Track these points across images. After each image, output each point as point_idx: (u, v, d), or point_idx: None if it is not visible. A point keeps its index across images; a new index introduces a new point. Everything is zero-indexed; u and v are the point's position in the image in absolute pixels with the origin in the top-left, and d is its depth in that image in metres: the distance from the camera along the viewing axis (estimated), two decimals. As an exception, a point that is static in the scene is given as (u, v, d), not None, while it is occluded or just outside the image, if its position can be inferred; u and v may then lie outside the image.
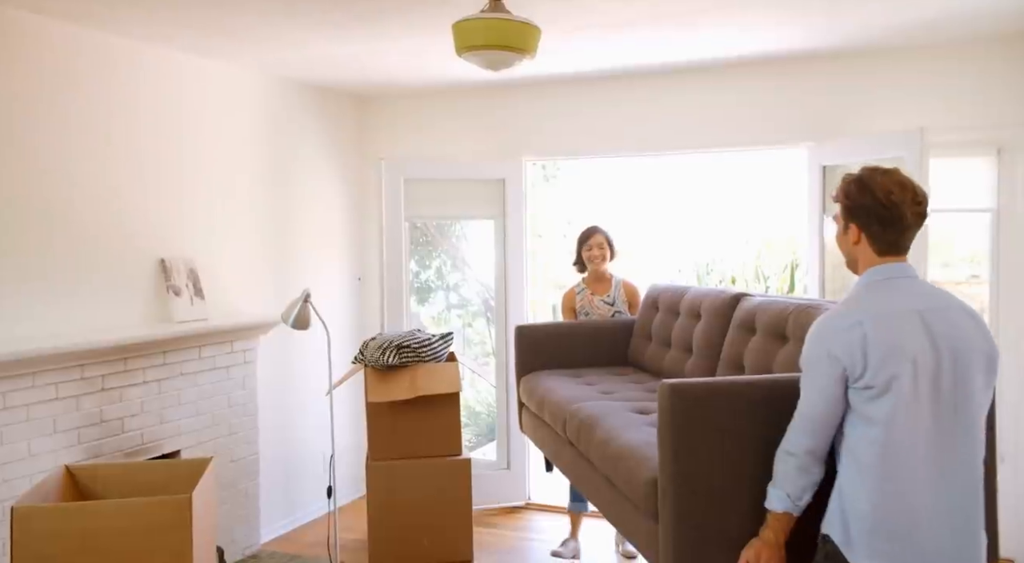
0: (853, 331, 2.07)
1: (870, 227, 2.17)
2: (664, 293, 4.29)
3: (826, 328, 2.13)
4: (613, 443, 2.88)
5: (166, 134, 4.22)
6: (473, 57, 3.05)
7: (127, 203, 4.02)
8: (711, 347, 3.58)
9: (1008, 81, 4.14)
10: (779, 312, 3.06)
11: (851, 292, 2.23)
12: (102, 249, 3.90)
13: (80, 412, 3.65)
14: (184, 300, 4.19)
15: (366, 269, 5.64)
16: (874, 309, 2.11)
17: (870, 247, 2.19)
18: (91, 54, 3.84)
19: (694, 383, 2.42)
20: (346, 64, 4.60)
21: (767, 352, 3.04)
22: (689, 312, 3.92)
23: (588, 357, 4.41)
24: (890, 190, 2.14)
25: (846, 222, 2.23)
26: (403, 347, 4.40)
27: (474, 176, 5.25)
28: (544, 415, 3.81)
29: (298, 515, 5.09)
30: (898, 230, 2.16)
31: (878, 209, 2.14)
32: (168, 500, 2.81)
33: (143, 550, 2.77)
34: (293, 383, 5.04)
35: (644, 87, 4.92)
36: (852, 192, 2.19)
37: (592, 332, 4.53)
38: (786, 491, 2.19)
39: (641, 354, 4.30)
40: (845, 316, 2.12)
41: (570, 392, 3.70)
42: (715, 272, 8.67)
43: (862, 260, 2.22)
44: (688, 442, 2.31)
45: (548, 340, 4.42)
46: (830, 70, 4.50)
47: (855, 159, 4.33)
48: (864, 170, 2.22)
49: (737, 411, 2.33)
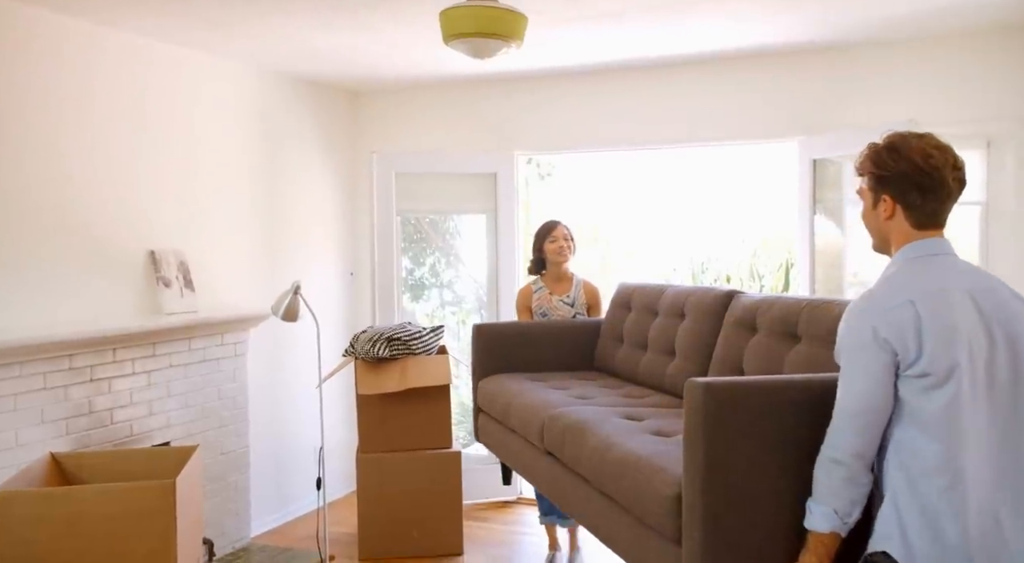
0: (904, 310, 1.83)
1: (907, 196, 1.94)
2: (638, 292, 4.04)
3: (871, 308, 1.88)
4: (614, 452, 2.60)
5: (156, 126, 4.23)
6: (460, 45, 3.07)
7: (117, 195, 4.03)
8: (699, 348, 3.37)
9: (998, 74, 4.14)
10: (788, 309, 2.86)
11: (887, 272, 1.99)
12: (91, 240, 3.90)
13: (68, 402, 3.65)
14: (174, 292, 4.19)
15: (358, 264, 5.64)
16: (922, 286, 1.88)
17: (906, 221, 1.96)
18: (81, 46, 3.85)
19: (731, 382, 2.11)
20: (337, 57, 4.61)
21: (774, 352, 2.84)
22: (670, 311, 3.69)
23: (551, 360, 4.14)
24: (929, 153, 1.92)
25: (876, 194, 2.00)
26: (393, 339, 4.40)
27: (466, 170, 5.26)
28: (511, 422, 3.55)
29: (289, 509, 5.09)
30: (939, 198, 1.94)
31: (917, 175, 1.92)
32: (152, 485, 2.81)
33: (127, 535, 2.76)
34: (284, 377, 5.04)
35: (635, 81, 4.93)
36: (884, 159, 1.96)
37: (556, 333, 4.26)
38: (832, 507, 1.90)
39: (610, 357, 4.03)
40: (891, 295, 1.88)
41: (543, 396, 3.41)
42: (710, 270, 8.68)
43: (896, 236, 1.99)
44: (724, 450, 2.00)
45: (509, 341, 4.14)
46: (821, 63, 4.50)
47: (845, 152, 4.33)
48: (894, 135, 2.00)
49: (780, 414, 2.05)
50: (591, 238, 9.63)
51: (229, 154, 4.68)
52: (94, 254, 3.91)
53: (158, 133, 4.24)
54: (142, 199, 4.15)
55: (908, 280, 1.91)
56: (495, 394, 3.81)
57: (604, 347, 4.13)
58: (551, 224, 4.49)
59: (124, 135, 4.06)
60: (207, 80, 4.53)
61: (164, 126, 4.27)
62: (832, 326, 2.51)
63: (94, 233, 3.91)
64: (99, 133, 3.94)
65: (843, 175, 4.59)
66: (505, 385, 3.78)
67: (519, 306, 4.52)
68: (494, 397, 3.80)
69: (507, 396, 3.65)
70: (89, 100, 3.89)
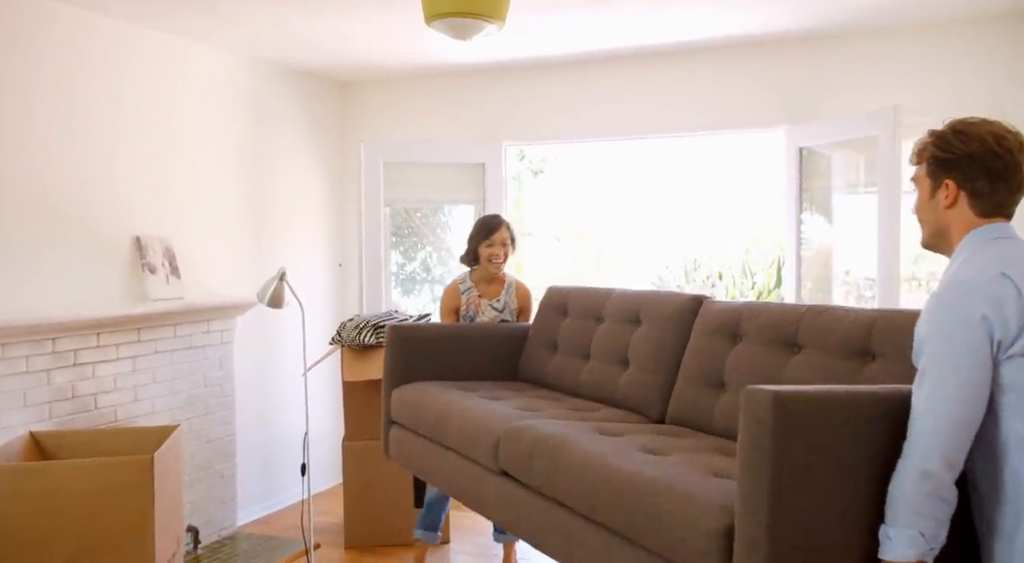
0: (998, 284, 1.66)
1: (975, 182, 1.78)
2: (575, 295, 3.74)
3: (960, 292, 1.69)
4: (616, 474, 2.24)
5: (143, 113, 4.22)
6: (441, 25, 3.07)
7: (102, 181, 4.02)
8: (661, 357, 3.08)
9: (984, 62, 4.15)
10: (782, 315, 2.67)
11: (960, 257, 1.81)
12: (76, 226, 3.90)
13: (51, 386, 3.64)
14: (159, 278, 4.18)
15: (347, 256, 5.64)
16: (1011, 260, 1.71)
17: (971, 209, 1.80)
18: (68, 31, 3.85)
19: (803, 392, 1.77)
20: (325, 46, 4.61)
21: (768, 363, 2.62)
22: (620, 317, 3.38)
23: (472, 368, 3.78)
24: (1002, 135, 1.77)
25: (936, 180, 1.83)
26: (380, 327, 4.40)
27: (454, 160, 5.26)
28: (445, 437, 3.15)
29: (277, 499, 5.08)
30: (1011, 186, 1.78)
31: (988, 157, 1.76)
32: (129, 460, 2.81)
33: (104, 511, 2.76)
34: (271, 366, 5.03)
35: (623, 71, 4.94)
36: (950, 141, 1.80)
37: (481, 339, 3.89)
38: (918, 528, 1.65)
39: (541, 367, 3.71)
40: (978, 273, 1.70)
41: (488, 408, 3.06)
42: (703, 268, 8.70)
43: (958, 225, 1.82)
44: (796, 475, 1.70)
45: (428, 345, 3.76)
46: (807, 52, 4.51)
47: (831, 140, 4.35)
48: (956, 121, 1.83)
49: (858, 430, 1.77)
50: (583, 236, 9.65)
51: (216, 142, 4.68)
52: (79, 240, 3.91)
53: (144, 119, 4.24)
54: (128, 185, 4.15)
55: (992, 256, 1.74)
56: (418, 405, 3.40)
57: (533, 355, 3.79)
58: (492, 224, 4.01)
59: (110, 121, 4.06)
60: (195, 67, 4.53)
61: (151, 112, 4.27)
62: (843, 333, 2.43)
63: (79, 219, 3.91)
64: (85, 119, 3.94)
65: (832, 166, 4.60)
66: (431, 395, 3.38)
67: (444, 308, 4.09)
68: (417, 408, 3.40)
69: (438, 407, 3.25)
70: (75, 85, 3.89)
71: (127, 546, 2.77)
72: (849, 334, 2.43)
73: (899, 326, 2.28)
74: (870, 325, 2.39)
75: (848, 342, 2.42)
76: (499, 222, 4.02)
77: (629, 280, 9.28)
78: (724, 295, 8.24)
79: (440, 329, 4.00)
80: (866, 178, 4.32)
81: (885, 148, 3.86)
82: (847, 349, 2.42)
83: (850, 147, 4.32)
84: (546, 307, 3.86)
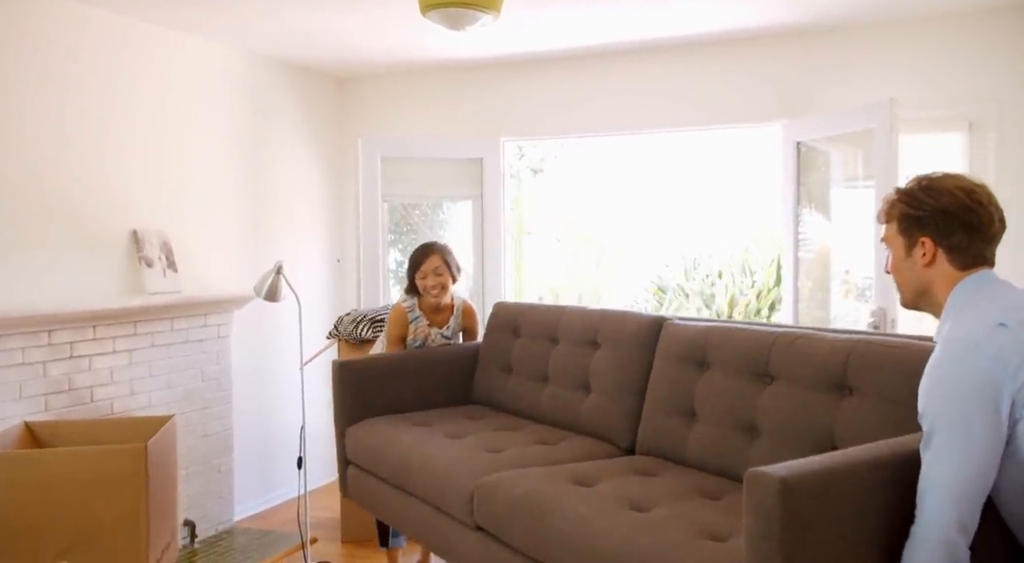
0: (1000, 334, 1.62)
1: (951, 238, 1.74)
2: (527, 314, 3.66)
3: (960, 347, 1.64)
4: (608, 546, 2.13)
5: (140, 106, 4.23)
6: (436, 14, 3.07)
7: (99, 174, 4.03)
8: (624, 383, 3.02)
9: (980, 55, 4.15)
10: (753, 342, 2.59)
11: (949, 312, 1.76)
12: (73, 219, 3.90)
13: (47, 378, 3.64)
14: (156, 271, 4.18)
15: (345, 252, 5.64)
16: (1004, 307, 1.67)
17: (951, 264, 1.77)
18: (63, 23, 3.85)
19: (812, 471, 1.67)
20: (322, 40, 4.62)
21: (741, 394, 2.57)
22: (577, 339, 3.31)
23: (425, 395, 3.72)
24: (971, 188, 1.75)
25: (910, 238, 1.80)
26: (377, 321, 4.40)
27: (452, 155, 5.26)
28: (411, 486, 3.05)
29: (274, 495, 5.08)
30: (987, 239, 1.75)
31: (963, 212, 1.73)
32: (123, 449, 2.80)
33: (97, 499, 2.76)
34: (269, 361, 5.03)
35: (619, 66, 4.94)
36: (920, 198, 1.77)
37: (430, 364, 3.80)
38: None
39: (497, 389, 3.65)
40: (975, 327, 1.65)
41: (451, 454, 2.94)
42: (702, 267, 8.69)
43: (941, 282, 1.78)
44: (808, 557, 1.63)
45: (377, 378, 3.69)
46: (804, 46, 4.51)
47: (828, 133, 4.34)
48: (920, 177, 1.81)
49: (865, 502, 1.69)
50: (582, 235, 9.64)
51: (214, 136, 4.69)
52: (76, 233, 3.91)
53: (142, 113, 4.24)
54: (125, 178, 4.15)
55: (984, 308, 1.69)
56: (375, 447, 3.30)
57: (486, 377, 3.71)
58: (421, 253, 3.78)
59: (107, 113, 4.06)
60: (193, 61, 4.53)
61: (148, 106, 4.27)
62: (818, 364, 2.38)
63: (75, 212, 3.91)
64: (81, 111, 3.94)
65: (830, 161, 4.59)
66: (388, 436, 3.27)
67: (391, 336, 3.85)
68: (374, 451, 3.30)
69: (397, 453, 3.14)
70: (71, 78, 3.89)
71: (121, 535, 2.77)
72: (824, 365, 2.38)
73: (875, 359, 2.28)
74: (845, 356, 2.35)
75: (823, 374, 2.38)
76: (428, 251, 3.77)
77: (629, 280, 9.28)
78: (724, 294, 8.24)
79: (387, 360, 3.80)
80: (864, 173, 4.32)
81: (882, 141, 3.86)
82: (822, 381, 2.37)
83: (847, 142, 4.31)
84: (495, 326, 3.78)
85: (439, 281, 3.70)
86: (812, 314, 4.56)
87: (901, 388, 2.16)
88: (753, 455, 2.50)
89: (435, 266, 3.71)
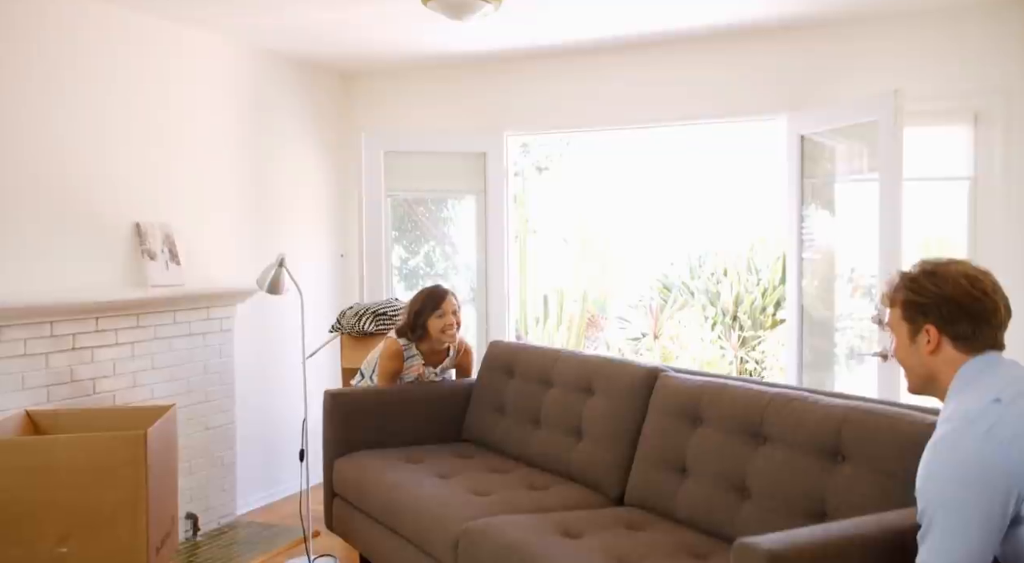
0: (995, 411, 1.59)
1: (956, 326, 1.72)
2: (523, 356, 3.64)
3: (957, 429, 1.60)
4: None
5: (145, 100, 4.23)
6: (438, 4, 3.09)
7: (102, 167, 4.03)
8: (616, 434, 3.01)
9: (985, 47, 4.12)
10: (746, 402, 2.59)
11: (952, 396, 1.72)
12: (75, 212, 3.90)
13: (49, 370, 3.64)
14: (159, 264, 4.19)
15: (349, 248, 5.64)
16: (1001, 384, 1.65)
17: (956, 351, 1.73)
18: (65, 16, 3.86)
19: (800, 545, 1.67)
20: (326, 35, 4.62)
21: (734, 453, 2.56)
22: (572, 384, 3.30)
23: (416, 431, 3.70)
24: (975, 277, 1.73)
25: (915, 325, 1.77)
26: (380, 314, 4.39)
27: (455, 149, 5.25)
28: (399, 526, 3.05)
29: (277, 489, 5.07)
30: (993, 327, 1.72)
31: (967, 301, 1.71)
32: (122, 435, 2.80)
33: (97, 485, 2.76)
34: (272, 357, 5.02)
35: (623, 59, 4.93)
36: (923, 285, 1.75)
37: (422, 400, 3.79)
38: None
39: (488, 429, 3.64)
40: (970, 408, 1.62)
41: (438, 496, 2.92)
42: (707, 265, 8.67)
43: (945, 368, 1.74)
44: None
45: (367, 411, 3.67)
46: (808, 38, 4.49)
47: (832, 125, 4.32)
48: (925, 262, 1.80)
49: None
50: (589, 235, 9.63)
51: (218, 130, 4.69)
52: (78, 225, 3.91)
53: (146, 106, 4.24)
54: (127, 172, 4.16)
55: (983, 387, 1.66)
56: (363, 483, 3.29)
57: (479, 416, 3.70)
58: (439, 295, 3.74)
59: (110, 107, 4.07)
60: (197, 55, 4.54)
61: (152, 100, 4.28)
62: (812, 429, 2.37)
63: (78, 205, 3.92)
64: (84, 105, 3.94)
65: (835, 155, 4.57)
66: (376, 471, 3.26)
67: (386, 371, 3.81)
68: (361, 487, 3.29)
69: (385, 491, 3.12)
70: (76, 71, 3.90)
71: (120, 521, 2.77)
72: (817, 431, 2.37)
73: (869, 429, 2.27)
74: (839, 424, 2.34)
75: (817, 439, 2.37)
76: (444, 292, 3.77)
77: (634, 278, 9.26)
78: (729, 292, 8.21)
79: (379, 393, 3.77)
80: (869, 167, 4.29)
81: (887, 132, 3.84)
82: (816, 447, 2.36)
83: (852, 136, 4.29)
84: (490, 365, 3.78)
85: (456, 318, 3.71)
86: (816, 313, 4.53)
87: (894, 460, 2.16)
88: (743, 516, 2.49)
89: (454, 306, 3.72)
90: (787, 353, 4.67)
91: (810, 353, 4.54)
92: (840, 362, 4.51)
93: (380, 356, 3.83)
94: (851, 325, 4.49)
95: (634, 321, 8.71)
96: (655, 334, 8.35)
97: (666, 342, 8.33)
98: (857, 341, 4.45)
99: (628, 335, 8.62)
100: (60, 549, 2.73)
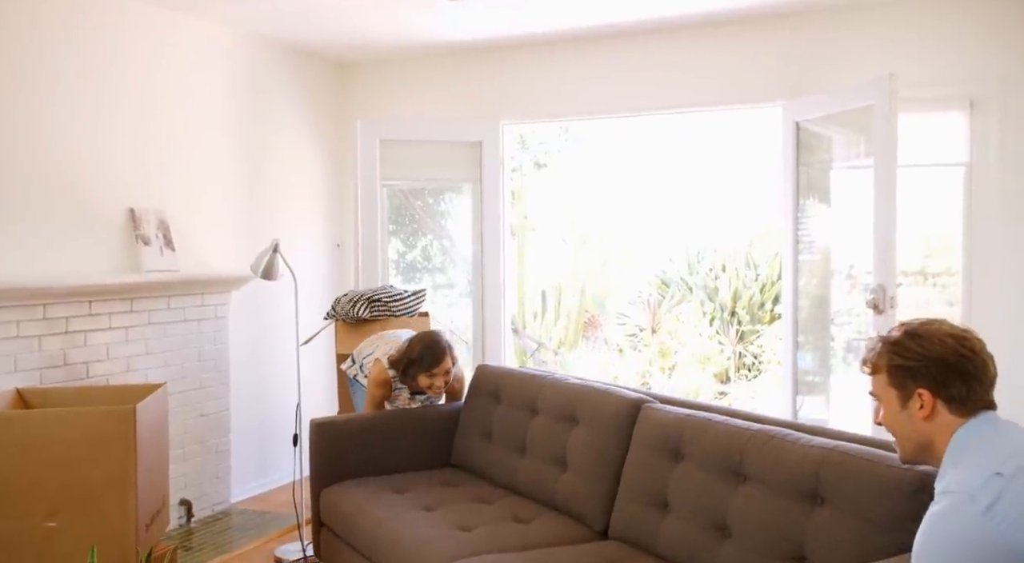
0: (996, 484, 1.52)
1: (949, 388, 1.65)
2: (508, 381, 3.61)
3: (956, 501, 1.54)
4: None
5: (139, 86, 4.23)
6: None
7: (97, 152, 4.03)
8: (599, 466, 2.99)
9: (981, 33, 4.12)
10: (727, 439, 2.56)
11: (948, 463, 1.66)
12: (70, 196, 3.90)
13: (42, 352, 3.64)
14: (153, 250, 4.18)
15: (344, 237, 5.64)
16: (1002, 455, 1.58)
17: (951, 414, 1.66)
18: (62, 4, 3.87)
19: None
20: (323, 23, 4.62)
21: (714, 492, 2.54)
22: (557, 413, 3.28)
23: (404, 456, 3.65)
24: (961, 335, 1.68)
25: (905, 390, 1.70)
26: (374, 301, 4.38)
27: (451, 137, 5.25)
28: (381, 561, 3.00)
29: (272, 478, 5.06)
30: (986, 386, 1.66)
31: (957, 360, 1.65)
32: (111, 410, 2.79)
33: (85, 460, 2.74)
34: (267, 344, 5.02)
35: (619, 47, 4.92)
36: (909, 347, 1.69)
37: (411, 427, 3.73)
38: None
39: (474, 455, 3.61)
40: (969, 477, 1.56)
41: (424, 535, 2.86)
42: (705, 260, 8.66)
43: (941, 433, 1.67)
44: None
45: (357, 439, 3.60)
46: (803, 24, 4.49)
47: (827, 112, 4.31)
48: (905, 323, 1.74)
49: None
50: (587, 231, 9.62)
51: (213, 117, 4.69)
52: (73, 210, 3.91)
53: (140, 92, 4.24)
54: (122, 157, 4.15)
55: (983, 455, 1.59)
56: (349, 517, 3.25)
57: (466, 442, 3.68)
58: (437, 354, 3.57)
59: (105, 92, 4.07)
60: (192, 41, 4.54)
61: (147, 85, 4.27)
62: (790, 470, 2.36)
63: (73, 189, 3.91)
64: (79, 90, 3.94)
65: (832, 144, 4.56)
66: (361, 505, 3.22)
67: (374, 397, 3.76)
68: (348, 521, 3.26)
69: (370, 525, 3.09)
70: (71, 57, 3.90)
71: (109, 497, 2.76)
72: (796, 472, 2.37)
73: (848, 472, 2.26)
74: (818, 466, 2.33)
75: (795, 481, 2.36)
76: (444, 349, 3.58)
77: (632, 274, 9.25)
78: (727, 287, 8.21)
79: (364, 421, 3.73)
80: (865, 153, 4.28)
81: (881, 116, 3.83)
82: (794, 488, 2.36)
83: (848, 123, 4.28)
84: (477, 390, 3.76)
85: (446, 379, 3.61)
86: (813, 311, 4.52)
87: (872, 504, 2.15)
88: (723, 556, 2.48)
89: (447, 367, 3.59)
90: (783, 348, 4.65)
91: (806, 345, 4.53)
92: (837, 355, 4.50)
93: (368, 382, 3.81)
94: (849, 321, 4.48)
95: (632, 316, 8.70)
96: (653, 329, 8.34)
97: (664, 337, 8.32)
98: (854, 335, 4.44)
99: (626, 331, 8.61)
100: (48, 523, 2.72)
